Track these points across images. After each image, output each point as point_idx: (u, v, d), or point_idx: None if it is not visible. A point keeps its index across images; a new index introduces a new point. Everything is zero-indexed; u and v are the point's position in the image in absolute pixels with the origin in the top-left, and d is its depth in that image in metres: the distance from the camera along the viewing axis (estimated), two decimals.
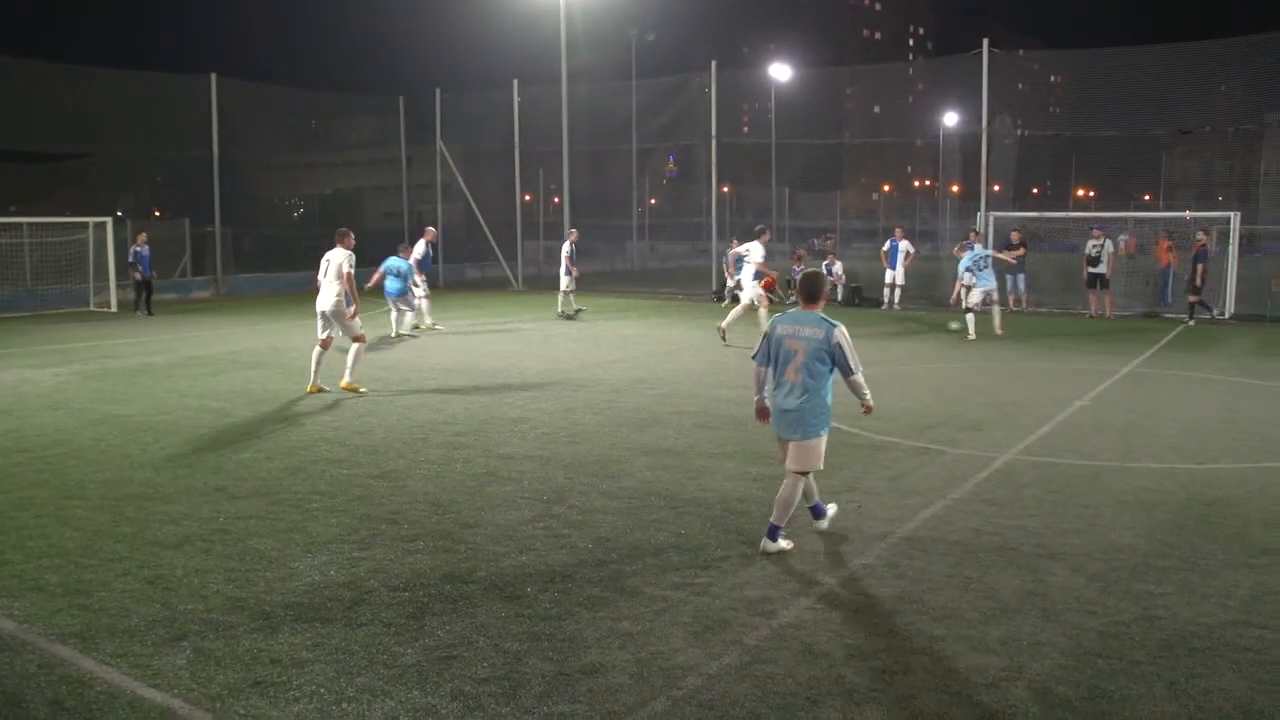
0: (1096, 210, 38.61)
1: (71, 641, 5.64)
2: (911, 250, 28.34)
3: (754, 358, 7.52)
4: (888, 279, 28.04)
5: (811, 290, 7.37)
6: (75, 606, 6.14)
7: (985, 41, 27.83)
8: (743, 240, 24.41)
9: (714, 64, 31.86)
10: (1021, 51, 32.98)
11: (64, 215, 28.64)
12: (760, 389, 7.46)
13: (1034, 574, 6.82)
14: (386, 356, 17.25)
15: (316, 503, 8.37)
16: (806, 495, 7.50)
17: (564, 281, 24.71)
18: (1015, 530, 7.76)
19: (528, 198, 38.69)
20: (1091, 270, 25.70)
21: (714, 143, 32.00)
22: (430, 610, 6.06)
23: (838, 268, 29.62)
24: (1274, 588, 6.64)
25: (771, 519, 7.25)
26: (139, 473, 9.43)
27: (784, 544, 7.22)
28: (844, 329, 7.17)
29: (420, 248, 21.60)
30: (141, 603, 6.20)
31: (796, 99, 46.09)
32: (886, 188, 74.97)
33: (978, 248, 21.07)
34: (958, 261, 20.64)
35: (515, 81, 34.93)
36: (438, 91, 36.74)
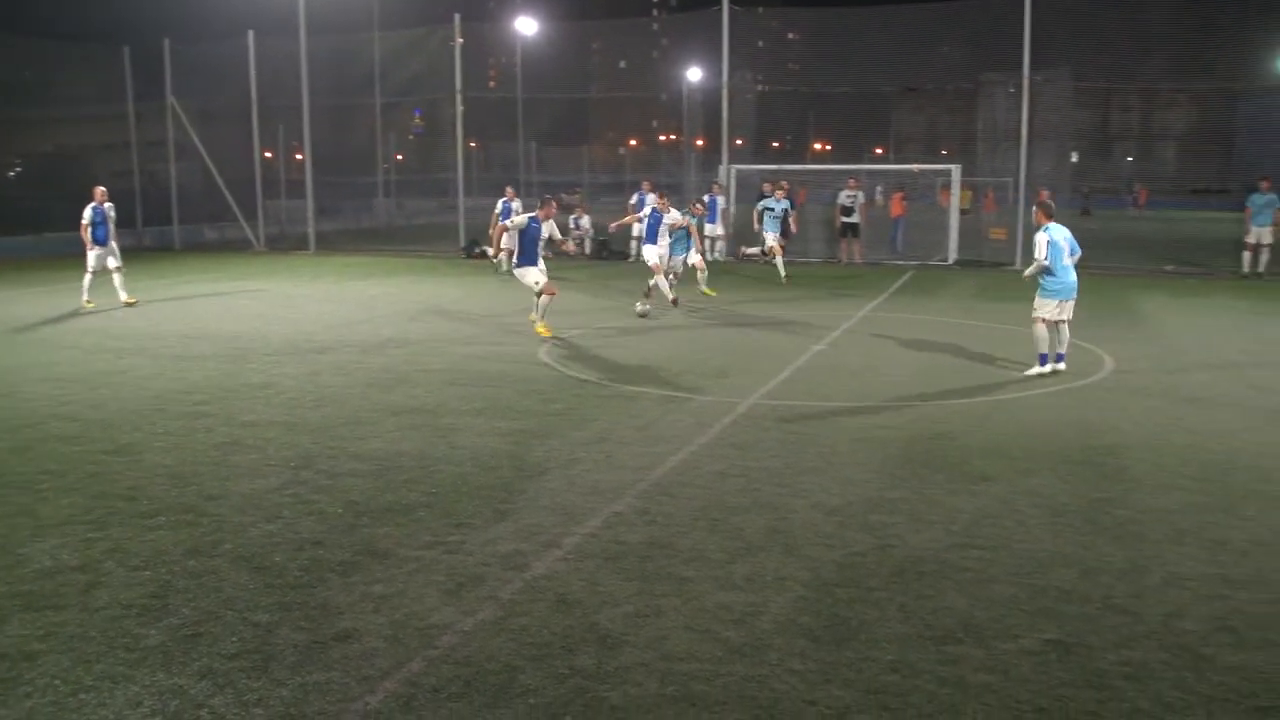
0: (833, 163, 40.21)
1: None
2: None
3: (1045, 259, 11.76)
4: (635, 231, 28.41)
5: (1051, 210, 12.14)
6: None
7: None
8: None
9: (458, 17, 31.35)
10: (761, 9, 33.83)
11: None
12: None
13: (777, 512, 7.16)
14: (119, 324, 16.33)
15: (45, 483, 7.89)
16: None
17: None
18: (758, 471, 8.11)
19: (268, 155, 37.16)
20: (845, 220, 27.08)
21: (459, 97, 31.58)
22: (174, 588, 5.84)
23: (585, 221, 29.88)
24: (991, 512, 7.21)
25: (1060, 351, 12.09)
26: None
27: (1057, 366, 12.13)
28: None
29: (87, 213, 18.50)
30: None
31: (543, 53, 45.91)
32: (633, 142, 75.75)
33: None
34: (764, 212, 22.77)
35: (251, 32, 33.36)
36: (166, 42, 34.67)
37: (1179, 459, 8.63)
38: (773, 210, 23.00)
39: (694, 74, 49.58)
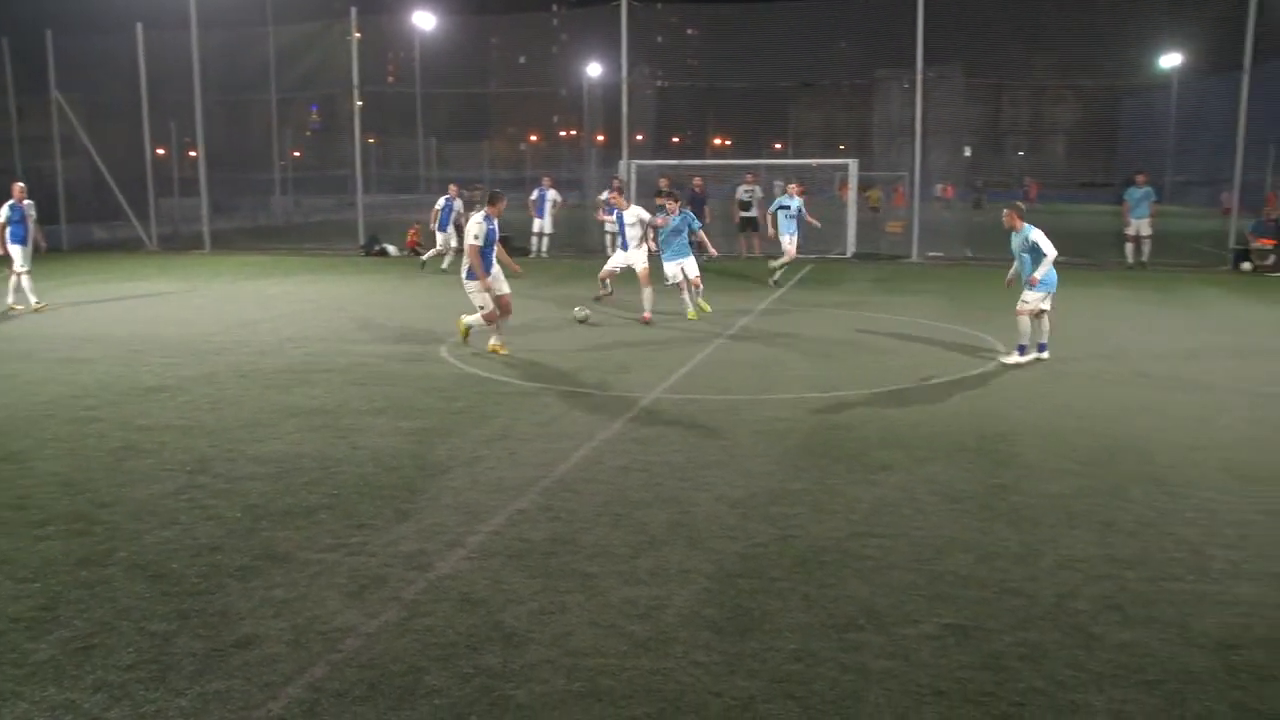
0: (732, 158, 40.59)
1: None
2: (559, 199, 28.79)
3: (1054, 255, 12.21)
4: (535, 228, 28.39)
5: (1023, 212, 12.50)
6: None
7: None
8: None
9: (354, 10, 30.94)
10: (660, 5, 34.01)
11: None
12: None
13: (679, 506, 7.21)
14: (5, 327, 15.82)
15: None
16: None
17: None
18: (661, 466, 8.15)
19: (161, 152, 36.25)
20: (744, 215, 27.31)
21: (356, 92, 31.18)
22: (65, 599, 5.67)
23: None
24: (890, 500, 7.35)
25: (1043, 340, 12.67)
26: None
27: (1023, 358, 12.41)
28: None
29: (4, 211, 17.66)
30: None
31: (441, 48, 45.50)
32: (534, 138, 75.50)
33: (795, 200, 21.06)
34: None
35: (139, 25, 32.46)
36: (49, 33, 33.56)
37: (1069, 444, 8.88)
38: (788, 209, 21.10)
39: (594, 69, 49.57)
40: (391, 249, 28.84)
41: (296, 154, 53.23)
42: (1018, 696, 4.65)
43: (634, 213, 16.49)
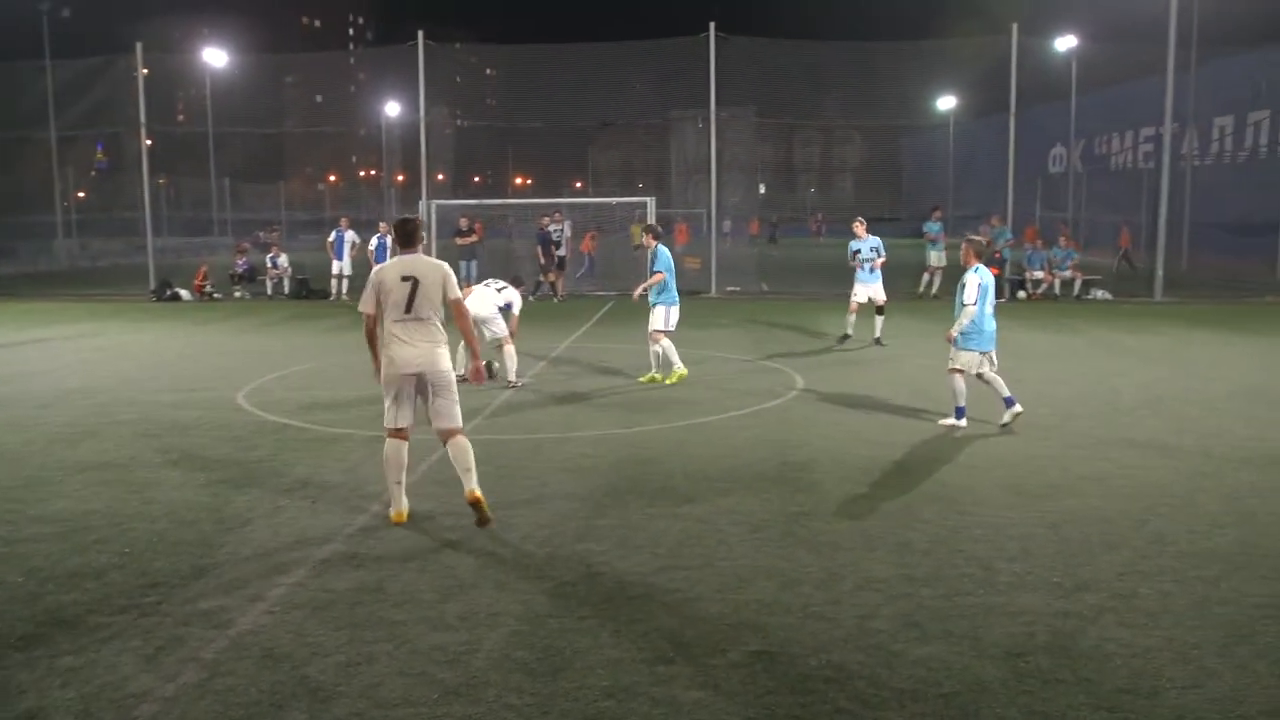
0: (534, 197, 40.86)
1: None
2: (358, 240, 28.32)
3: (974, 303, 10.65)
4: (335, 270, 27.87)
5: (981, 248, 11.14)
6: None
7: (420, 33, 28.44)
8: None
9: (139, 45, 29.84)
10: (458, 45, 34.00)
11: None
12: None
13: (487, 548, 7.15)
14: None
15: None
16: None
17: None
18: (467, 508, 8.03)
19: None
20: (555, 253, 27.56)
21: (144, 130, 30.03)
22: None
23: (283, 260, 29.08)
24: (694, 533, 7.46)
25: (1007, 394, 10.93)
26: None
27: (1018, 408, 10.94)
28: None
29: None
30: None
31: (234, 86, 44.35)
32: (332, 178, 74.25)
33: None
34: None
35: None
36: None
37: (863, 470, 9.22)
38: (860, 252, 17.63)
39: (392, 109, 49.15)
40: (185, 293, 27.83)
41: (81, 195, 50.88)
42: (825, 717, 4.78)
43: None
